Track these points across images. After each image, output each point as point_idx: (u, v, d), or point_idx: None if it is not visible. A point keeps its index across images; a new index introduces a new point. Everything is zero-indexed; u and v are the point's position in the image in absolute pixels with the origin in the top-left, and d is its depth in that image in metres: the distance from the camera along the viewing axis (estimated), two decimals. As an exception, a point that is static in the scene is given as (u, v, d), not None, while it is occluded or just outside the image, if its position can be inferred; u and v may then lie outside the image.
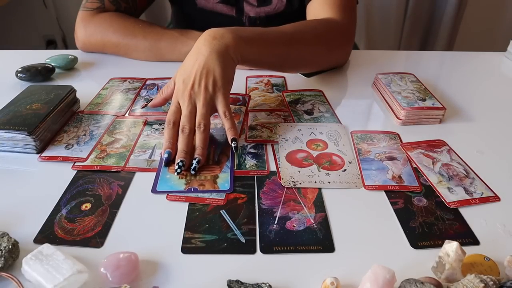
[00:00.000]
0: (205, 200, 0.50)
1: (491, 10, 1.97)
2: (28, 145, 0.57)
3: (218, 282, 0.40)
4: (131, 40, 0.84)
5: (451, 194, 0.51)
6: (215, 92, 0.58)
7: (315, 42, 0.73)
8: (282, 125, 0.65)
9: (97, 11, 0.86)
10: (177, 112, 0.58)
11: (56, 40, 2.15)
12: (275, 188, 0.52)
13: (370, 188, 0.52)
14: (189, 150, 0.55)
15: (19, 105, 0.61)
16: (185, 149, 0.55)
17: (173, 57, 0.85)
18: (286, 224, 0.47)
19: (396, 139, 0.62)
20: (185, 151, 0.55)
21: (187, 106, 0.58)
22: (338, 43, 0.79)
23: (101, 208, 0.49)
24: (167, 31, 0.85)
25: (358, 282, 0.39)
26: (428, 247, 0.44)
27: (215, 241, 0.44)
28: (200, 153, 0.55)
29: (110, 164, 0.55)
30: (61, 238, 0.45)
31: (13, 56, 0.91)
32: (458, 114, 0.69)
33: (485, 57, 0.91)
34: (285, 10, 0.91)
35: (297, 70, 0.81)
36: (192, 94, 0.58)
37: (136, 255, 0.41)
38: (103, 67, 0.85)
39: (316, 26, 0.74)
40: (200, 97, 0.58)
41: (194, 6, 0.93)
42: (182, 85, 0.59)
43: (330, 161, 0.57)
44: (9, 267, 0.41)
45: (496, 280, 0.37)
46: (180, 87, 0.59)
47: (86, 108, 0.69)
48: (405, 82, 0.73)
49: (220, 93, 0.58)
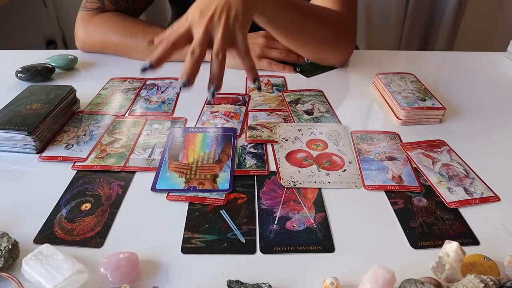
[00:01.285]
0: (205, 200, 0.50)
1: (491, 10, 1.97)
2: (28, 145, 0.57)
3: (218, 282, 0.40)
4: (131, 41, 0.84)
5: (451, 194, 0.51)
6: (235, 28, 0.54)
7: (327, 24, 0.74)
8: (282, 125, 0.65)
9: (97, 11, 0.86)
10: (187, 39, 0.55)
11: (56, 40, 2.15)
12: (275, 188, 0.52)
13: (370, 188, 0.52)
14: (195, 73, 0.52)
15: (19, 105, 0.61)
16: (192, 71, 0.52)
17: (173, 57, 0.85)
18: (286, 224, 0.47)
19: (396, 139, 0.62)
20: (192, 73, 0.51)
21: (202, 34, 0.53)
22: (344, 34, 0.79)
23: (101, 208, 0.49)
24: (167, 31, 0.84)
25: (358, 282, 0.39)
26: (428, 247, 0.44)
27: (215, 241, 0.44)
28: (217, 81, 0.51)
29: (110, 164, 0.55)
30: (61, 238, 0.45)
31: (13, 56, 0.91)
32: (458, 114, 0.69)
33: (485, 57, 0.91)
34: None
35: (302, 47, 0.79)
36: (209, 25, 0.54)
37: (136, 255, 0.41)
38: (103, 67, 0.85)
39: (329, 11, 0.75)
40: (218, 29, 0.54)
41: None
42: (199, 15, 0.55)
43: (330, 161, 0.57)
44: (9, 267, 0.41)
45: (496, 280, 0.37)
46: (196, 17, 0.55)
47: (86, 108, 0.69)
48: (405, 82, 0.73)
49: (240, 30, 0.55)
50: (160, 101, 0.71)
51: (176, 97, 0.73)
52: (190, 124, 0.65)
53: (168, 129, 0.63)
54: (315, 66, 0.83)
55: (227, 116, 0.67)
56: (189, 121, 0.66)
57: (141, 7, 0.93)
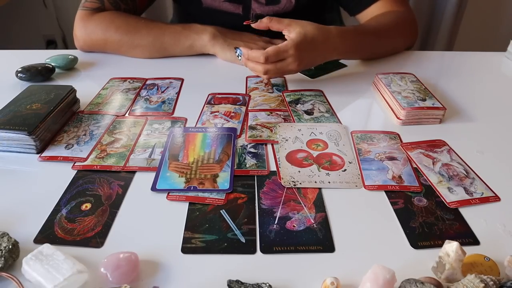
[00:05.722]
0: (205, 200, 0.50)
1: (491, 10, 1.97)
2: (28, 145, 0.57)
3: (218, 282, 0.40)
4: (134, 36, 0.83)
5: (451, 194, 0.51)
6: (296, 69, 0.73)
7: (395, 32, 0.85)
8: (282, 125, 0.64)
9: (97, 11, 0.86)
10: None
11: (56, 40, 2.15)
12: (275, 188, 0.52)
13: (370, 188, 0.52)
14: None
15: (19, 105, 0.61)
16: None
17: (176, 51, 0.85)
18: (286, 224, 0.47)
19: (396, 139, 0.62)
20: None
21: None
22: (410, 31, 0.90)
23: (101, 208, 0.49)
24: (170, 25, 0.85)
25: (358, 282, 0.39)
26: (428, 247, 0.44)
27: (215, 241, 0.44)
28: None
29: (110, 164, 0.55)
30: (61, 238, 0.45)
31: (13, 56, 0.91)
32: (458, 114, 0.69)
33: (485, 57, 0.91)
34: (293, 10, 0.91)
35: (378, 57, 0.89)
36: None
37: (136, 255, 0.41)
38: (103, 67, 0.85)
39: (393, 20, 0.85)
40: (291, 66, 0.72)
41: (199, 6, 0.93)
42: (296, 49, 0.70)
43: (330, 161, 0.57)
44: (9, 267, 0.41)
45: (496, 280, 0.37)
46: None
47: (86, 108, 0.69)
48: (405, 82, 0.73)
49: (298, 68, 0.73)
50: (160, 101, 0.71)
51: (176, 97, 0.73)
52: (190, 124, 0.65)
53: (168, 129, 0.63)
54: (321, 68, 0.84)
55: (227, 116, 0.67)
56: (189, 121, 0.66)
57: (141, 8, 0.93)
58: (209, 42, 0.84)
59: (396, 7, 0.88)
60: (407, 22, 0.88)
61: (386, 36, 0.84)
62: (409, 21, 0.89)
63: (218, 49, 0.84)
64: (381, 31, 0.83)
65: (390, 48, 0.88)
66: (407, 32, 0.89)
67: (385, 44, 0.86)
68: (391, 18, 0.85)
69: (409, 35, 0.91)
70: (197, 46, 0.85)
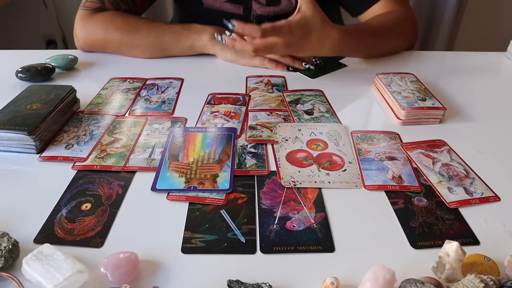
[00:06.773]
0: (205, 200, 0.50)
1: (491, 10, 1.97)
2: (28, 145, 0.57)
3: (218, 282, 0.40)
4: (134, 36, 0.83)
5: (451, 194, 0.51)
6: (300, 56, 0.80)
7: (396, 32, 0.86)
8: (282, 125, 0.64)
9: (97, 11, 0.86)
10: None
11: (56, 40, 2.15)
12: (275, 188, 0.52)
13: (370, 188, 0.52)
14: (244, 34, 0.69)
15: (19, 105, 0.61)
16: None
17: (176, 51, 0.85)
18: (286, 224, 0.47)
19: (396, 139, 0.62)
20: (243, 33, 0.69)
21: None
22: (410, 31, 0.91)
23: (101, 208, 0.49)
24: (170, 25, 0.85)
25: (358, 282, 0.39)
26: (428, 247, 0.44)
27: (215, 241, 0.44)
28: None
29: (110, 164, 0.55)
30: (61, 238, 0.45)
31: (13, 56, 0.91)
32: (458, 114, 0.69)
33: (485, 57, 0.91)
34: (294, 10, 0.91)
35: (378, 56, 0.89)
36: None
37: (136, 255, 0.41)
38: (103, 67, 0.85)
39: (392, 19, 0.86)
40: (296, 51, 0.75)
41: (200, 6, 0.93)
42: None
43: (330, 161, 0.57)
44: (9, 267, 0.41)
45: (496, 280, 0.37)
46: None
47: (86, 108, 0.69)
48: (405, 82, 0.73)
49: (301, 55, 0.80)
50: (160, 101, 0.71)
51: (176, 97, 0.73)
52: (190, 124, 0.65)
53: (168, 129, 0.64)
54: (321, 68, 0.84)
55: (227, 116, 0.67)
56: (189, 121, 0.66)
57: (141, 8, 0.93)
58: (209, 42, 0.84)
59: (396, 7, 0.88)
60: (407, 22, 0.88)
61: (386, 36, 0.84)
62: (410, 21, 0.89)
63: (218, 49, 0.84)
64: (381, 30, 0.83)
65: (390, 47, 0.88)
66: (407, 32, 0.90)
67: (385, 43, 0.86)
68: (391, 18, 0.86)
69: (409, 35, 0.91)
70: (197, 46, 0.85)
